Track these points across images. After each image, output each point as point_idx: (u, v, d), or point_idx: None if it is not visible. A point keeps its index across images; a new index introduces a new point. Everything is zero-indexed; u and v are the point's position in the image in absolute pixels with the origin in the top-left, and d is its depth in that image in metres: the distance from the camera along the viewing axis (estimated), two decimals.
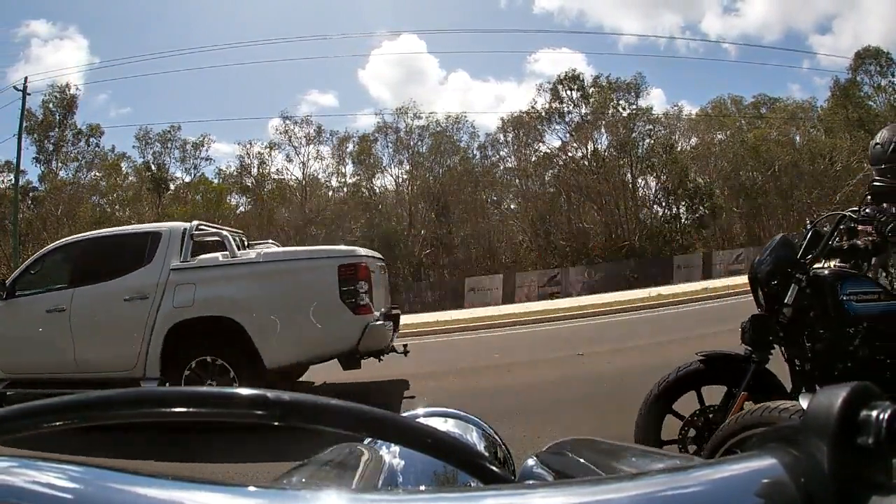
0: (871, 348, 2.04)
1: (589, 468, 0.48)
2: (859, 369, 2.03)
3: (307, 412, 0.34)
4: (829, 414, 0.26)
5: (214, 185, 27.19)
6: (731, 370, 2.16)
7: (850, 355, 2.06)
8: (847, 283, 2.10)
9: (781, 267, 2.15)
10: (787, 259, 2.16)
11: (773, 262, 2.17)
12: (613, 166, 26.65)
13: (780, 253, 2.19)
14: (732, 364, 2.17)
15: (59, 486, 0.27)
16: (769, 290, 2.16)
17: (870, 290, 2.11)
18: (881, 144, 2.14)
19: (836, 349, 2.08)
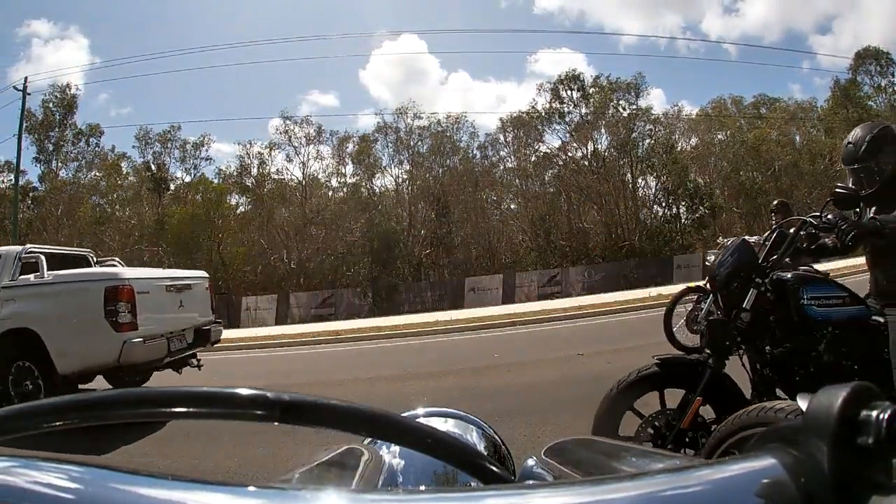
0: (836, 354, 2.01)
1: (589, 468, 0.48)
2: (823, 375, 2.01)
3: (307, 412, 0.34)
4: (828, 414, 0.26)
5: (214, 185, 27.18)
6: (688, 374, 2.14)
7: (813, 361, 2.03)
8: (810, 287, 2.08)
9: (741, 271, 2.12)
10: (746, 263, 2.14)
11: (733, 265, 2.15)
12: (613, 166, 26.64)
13: (740, 256, 2.16)
14: (689, 368, 2.15)
15: (59, 485, 0.27)
16: (728, 294, 2.13)
17: (835, 295, 2.09)
18: (853, 143, 2.10)
19: (797, 354, 2.06)
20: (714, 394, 2.11)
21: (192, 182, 28.05)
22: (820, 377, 2.01)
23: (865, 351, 2.05)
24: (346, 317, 19.08)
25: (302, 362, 8.40)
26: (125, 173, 28.47)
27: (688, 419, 2.09)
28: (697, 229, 25.95)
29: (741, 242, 2.24)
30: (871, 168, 2.05)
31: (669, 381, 2.17)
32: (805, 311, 2.05)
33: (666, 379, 2.17)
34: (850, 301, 2.10)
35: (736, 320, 2.09)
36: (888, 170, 2.05)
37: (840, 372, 2.01)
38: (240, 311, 21.14)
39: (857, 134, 2.11)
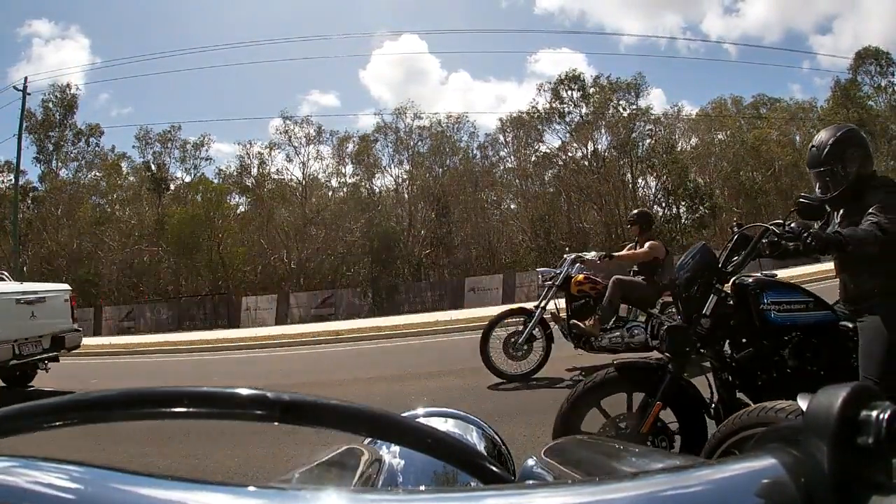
0: (801, 360, 2.00)
1: (589, 468, 0.48)
2: (787, 380, 1.99)
3: (307, 412, 0.34)
4: (829, 414, 0.26)
5: (214, 185, 27.17)
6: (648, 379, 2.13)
7: (776, 366, 2.02)
8: (771, 292, 2.06)
9: (701, 275, 2.11)
10: (707, 267, 2.12)
11: (693, 270, 2.14)
12: (613, 166, 26.65)
13: (701, 261, 2.15)
14: (649, 373, 2.14)
15: (59, 486, 0.27)
16: (688, 298, 2.12)
17: (797, 300, 2.07)
18: (817, 147, 2.08)
19: (759, 359, 2.04)
20: (675, 399, 2.10)
21: (192, 182, 28.07)
22: (784, 382, 2.01)
23: (833, 357, 2.03)
24: (346, 317, 19.07)
25: (302, 362, 8.39)
26: (125, 173, 28.50)
27: (648, 423, 2.08)
28: (698, 229, 25.95)
29: (702, 246, 2.22)
30: (835, 171, 2.04)
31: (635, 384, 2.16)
32: (766, 316, 2.04)
33: (632, 382, 2.16)
34: (815, 306, 2.08)
35: (696, 326, 2.09)
36: (853, 172, 2.03)
37: (805, 377, 1.98)
38: (240, 311, 21.14)
39: (821, 137, 2.09)
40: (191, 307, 22.76)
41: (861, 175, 2.04)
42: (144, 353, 11.32)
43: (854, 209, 2.02)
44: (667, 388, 2.08)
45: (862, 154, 2.06)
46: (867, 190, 2.02)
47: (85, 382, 7.52)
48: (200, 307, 22.54)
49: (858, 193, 2.02)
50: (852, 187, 2.03)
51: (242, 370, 8.29)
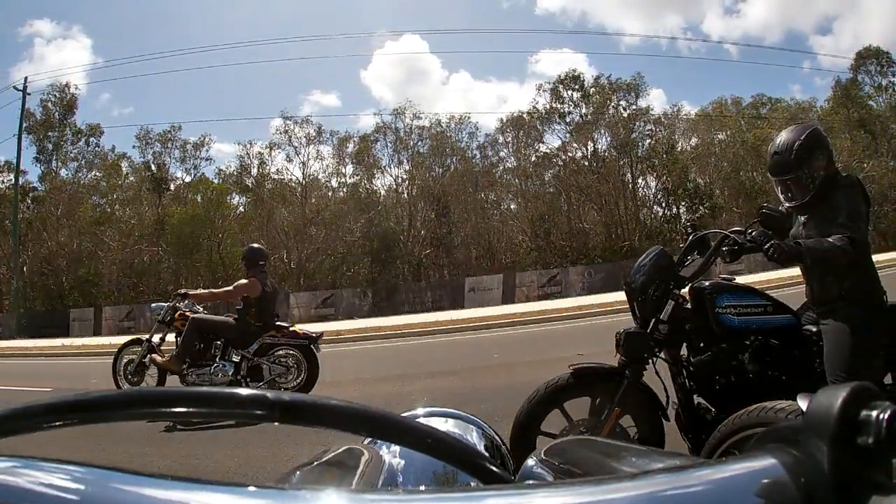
0: (761, 364, 1.97)
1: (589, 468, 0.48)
2: (746, 385, 1.97)
3: (307, 412, 0.34)
4: (828, 414, 0.26)
5: (214, 185, 27.17)
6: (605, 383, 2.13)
7: (734, 370, 2.00)
8: (727, 295, 2.04)
9: (657, 280, 2.09)
10: (664, 272, 2.11)
11: (648, 273, 2.12)
12: (613, 166, 26.65)
13: (657, 265, 2.13)
14: (606, 378, 2.13)
15: (60, 486, 0.27)
16: (644, 302, 2.10)
17: (754, 304, 2.04)
18: (780, 153, 1.95)
19: (717, 363, 2.02)
20: (633, 404, 2.10)
21: (192, 182, 28.06)
22: (743, 387, 1.98)
23: (795, 361, 2.01)
24: (346, 317, 19.08)
25: None
26: (125, 173, 28.49)
27: (607, 428, 2.06)
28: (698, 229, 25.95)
29: (659, 251, 2.20)
30: (802, 177, 1.93)
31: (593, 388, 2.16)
32: (721, 320, 2.01)
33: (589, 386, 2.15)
34: (774, 309, 2.05)
35: (654, 332, 2.07)
36: (820, 177, 1.93)
37: (766, 382, 1.96)
38: None
39: (784, 141, 1.95)
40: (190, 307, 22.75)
41: (827, 176, 1.96)
42: None
43: (819, 213, 1.97)
44: (625, 393, 2.07)
45: (828, 155, 1.98)
46: (832, 191, 1.95)
47: (85, 382, 7.53)
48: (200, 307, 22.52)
49: (824, 195, 1.96)
50: (819, 191, 1.95)
51: None
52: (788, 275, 9.84)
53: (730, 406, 1.83)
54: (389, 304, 20.86)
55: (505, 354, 6.96)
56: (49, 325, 21.06)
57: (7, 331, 20.64)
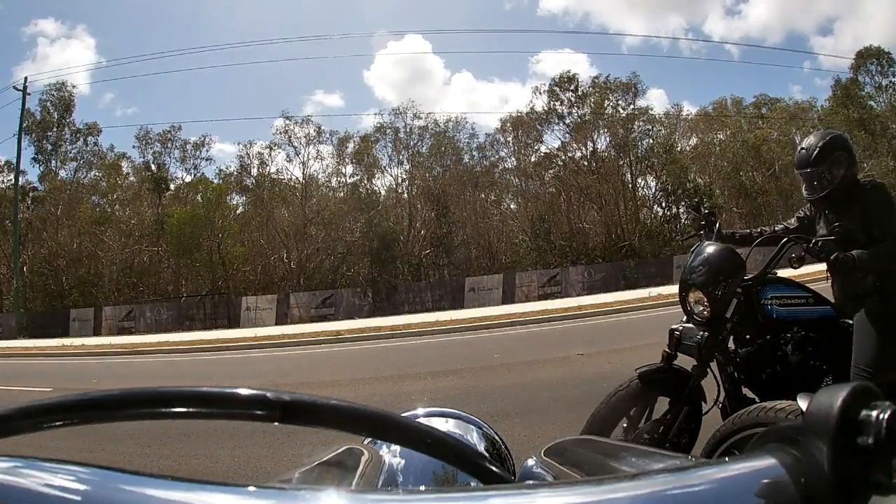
0: (803, 354, 2.03)
1: (589, 468, 0.48)
2: (790, 375, 2.02)
3: (307, 412, 0.34)
4: (829, 414, 0.26)
5: (214, 185, 27.16)
6: (672, 383, 2.14)
7: (779, 360, 2.05)
8: (770, 287, 2.10)
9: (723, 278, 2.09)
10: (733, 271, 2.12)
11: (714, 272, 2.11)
12: (613, 167, 26.65)
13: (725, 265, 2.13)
14: (674, 378, 2.15)
15: (60, 486, 0.27)
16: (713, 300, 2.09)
17: (796, 295, 2.10)
18: (806, 149, 2.18)
19: (763, 354, 2.07)
20: (692, 400, 2.13)
21: (192, 182, 28.06)
22: (787, 377, 2.04)
23: (833, 352, 2.06)
24: (346, 317, 19.08)
25: (302, 362, 8.40)
26: (125, 173, 28.49)
27: (677, 428, 2.09)
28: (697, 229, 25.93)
29: (727, 250, 2.21)
30: (822, 173, 2.13)
31: (660, 389, 2.17)
32: (768, 312, 2.07)
33: (656, 388, 2.16)
34: (815, 301, 2.12)
35: (721, 330, 2.08)
36: (839, 175, 2.12)
37: (807, 372, 2.03)
38: (240, 311, 21.15)
39: (810, 140, 2.20)
40: (191, 307, 22.78)
41: (846, 178, 2.12)
42: (144, 353, 11.33)
43: (840, 212, 2.13)
44: (691, 391, 2.10)
45: (848, 158, 2.14)
46: (856, 194, 2.11)
47: (85, 382, 7.53)
48: (200, 307, 22.56)
49: (846, 197, 2.12)
50: (840, 190, 2.12)
51: (242, 370, 8.29)
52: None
53: (774, 396, 1.87)
54: (389, 304, 20.86)
55: (505, 354, 6.97)
56: (49, 325, 21.08)
57: (7, 331, 20.65)
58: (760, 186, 25.84)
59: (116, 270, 26.00)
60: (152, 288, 26.10)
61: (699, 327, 2.10)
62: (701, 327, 2.09)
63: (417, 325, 11.29)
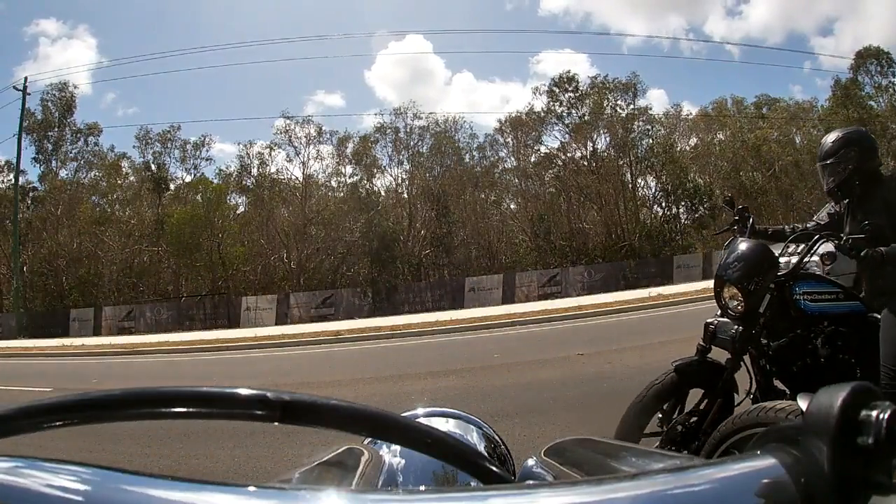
0: (833, 348, 2.08)
1: (589, 468, 0.48)
2: (820, 368, 2.07)
3: (307, 412, 0.34)
4: (829, 414, 0.26)
5: (214, 185, 27.16)
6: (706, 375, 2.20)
7: (810, 354, 2.10)
8: (802, 282, 2.15)
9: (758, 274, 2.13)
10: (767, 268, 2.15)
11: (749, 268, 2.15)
12: (613, 167, 26.65)
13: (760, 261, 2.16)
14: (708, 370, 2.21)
15: (60, 486, 0.27)
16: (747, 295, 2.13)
17: (826, 290, 2.15)
18: (823, 143, 2.30)
19: (794, 348, 2.12)
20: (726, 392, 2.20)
21: (192, 182, 28.06)
22: (817, 370, 2.08)
23: (862, 346, 2.10)
24: (346, 317, 19.08)
25: (302, 362, 8.40)
26: (125, 173, 28.48)
27: (711, 419, 2.15)
28: (697, 230, 25.94)
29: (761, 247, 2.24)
30: (837, 164, 2.22)
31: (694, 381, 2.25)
32: (799, 306, 2.12)
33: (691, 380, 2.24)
34: (845, 297, 2.16)
35: (754, 324, 2.15)
36: (853, 167, 2.19)
37: (837, 366, 2.07)
38: (240, 311, 21.15)
39: (830, 135, 2.30)
40: (191, 307, 22.78)
41: (863, 170, 2.18)
42: (144, 353, 11.32)
43: (862, 204, 2.20)
44: (725, 383, 2.16)
45: (864, 151, 2.20)
46: (876, 186, 2.17)
47: (85, 382, 7.53)
48: (200, 307, 22.56)
49: (866, 189, 2.19)
50: (860, 181, 2.19)
51: (242, 370, 8.29)
52: None
53: (804, 388, 1.96)
54: (389, 304, 20.86)
55: (505, 354, 6.97)
56: (49, 325, 21.08)
57: (7, 331, 20.65)
58: (760, 186, 25.84)
59: (116, 270, 26.01)
60: (152, 288, 26.10)
61: (733, 321, 2.16)
62: (735, 321, 2.15)
63: (417, 325, 11.29)
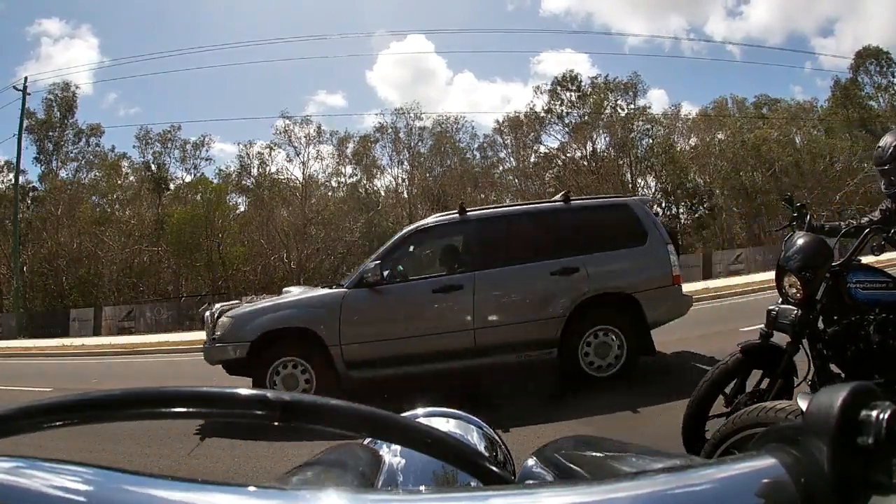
0: (884, 334, 2.21)
1: (589, 468, 0.48)
2: (872, 353, 2.21)
3: (307, 412, 0.34)
4: (829, 414, 0.26)
5: (214, 185, 27.16)
6: (766, 359, 2.36)
7: (863, 340, 2.24)
8: (854, 272, 2.31)
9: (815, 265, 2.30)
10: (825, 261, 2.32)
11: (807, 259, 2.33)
12: (613, 167, 26.66)
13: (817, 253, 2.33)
14: (770, 353, 2.36)
15: (60, 486, 0.27)
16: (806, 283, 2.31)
17: (878, 280, 2.31)
18: (882, 148, 2.44)
19: (848, 333, 2.26)
20: (786, 373, 2.34)
21: (192, 182, 28.07)
22: (869, 355, 2.22)
23: None
24: None
25: None
26: (125, 173, 28.48)
27: (773, 399, 2.26)
28: (697, 229, 25.94)
29: (819, 240, 2.42)
30: (893, 170, 2.41)
31: (757, 363, 2.40)
32: (852, 295, 2.27)
33: (754, 362, 2.39)
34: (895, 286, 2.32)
35: (812, 310, 2.30)
36: None
37: (887, 351, 2.21)
38: None
39: (886, 140, 2.45)
40: (191, 307, 22.75)
41: None
42: (144, 353, 11.31)
43: None
44: (785, 365, 2.31)
45: None
46: None
47: (85, 382, 7.52)
48: (200, 307, 22.53)
49: None
50: None
51: None
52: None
53: (858, 373, 2.17)
54: None
55: None
56: (49, 325, 21.06)
57: (7, 331, 20.64)
58: (760, 186, 25.84)
59: (116, 270, 26.00)
60: (152, 288, 26.09)
61: (793, 308, 2.31)
62: (794, 308, 2.31)
63: None
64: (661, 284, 4.38)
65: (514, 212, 4.88)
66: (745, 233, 26.53)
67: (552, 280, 4.31)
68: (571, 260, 4.34)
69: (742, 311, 8.22)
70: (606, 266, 4.38)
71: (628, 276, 4.38)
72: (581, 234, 4.47)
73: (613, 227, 4.51)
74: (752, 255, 21.35)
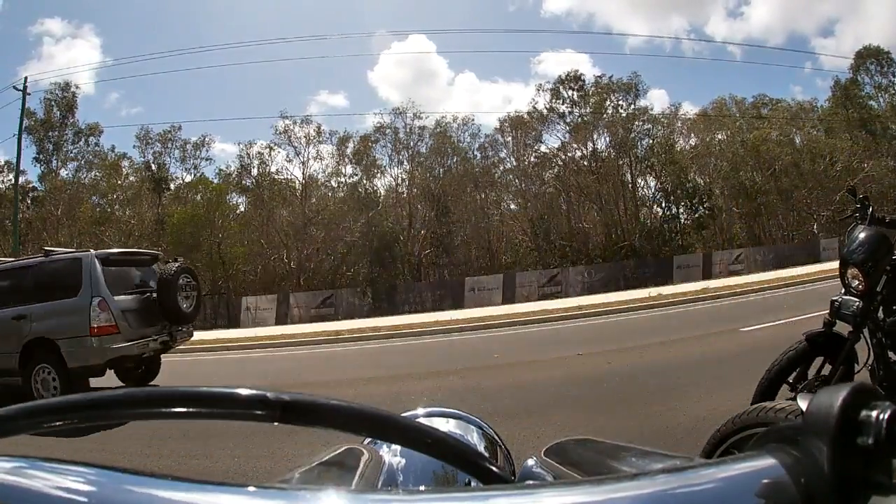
0: None
1: (589, 468, 0.48)
2: None
3: (307, 412, 0.34)
4: (829, 414, 0.26)
5: (214, 184, 27.14)
6: (829, 346, 2.46)
7: None
8: None
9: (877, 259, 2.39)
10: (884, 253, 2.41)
11: (869, 253, 2.42)
12: (613, 166, 26.65)
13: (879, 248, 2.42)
14: (832, 341, 2.47)
15: (60, 486, 0.27)
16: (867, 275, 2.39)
17: None
18: None
19: None
20: (848, 360, 2.43)
21: (192, 182, 28.05)
22: None
23: None
24: (346, 317, 19.07)
25: (302, 362, 8.39)
26: (125, 173, 28.46)
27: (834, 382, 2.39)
28: (697, 229, 25.94)
29: (881, 236, 2.49)
30: None
31: (820, 350, 2.49)
32: None
33: (816, 350, 2.48)
34: None
35: (873, 301, 2.38)
36: None
37: None
38: (240, 311, 21.13)
39: None
40: None
41: None
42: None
43: None
44: (847, 353, 2.40)
45: None
46: None
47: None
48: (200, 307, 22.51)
49: None
50: None
51: (242, 370, 8.29)
52: None
53: None
54: (389, 304, 20.85)
55: (505, 354, 6.96)
56: None
57: None
58: (760, 186, 25.83)
59: None
60: None
61: (855, 299, 2.41)
62: (856, 299, 2.40)
63: (417, 325, 11.28)
64: (78, 334, 5.14)
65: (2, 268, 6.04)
66: (744, 233, 26.53)
67: (13, 324, 5.38)
68: (24, 309, 5.38)
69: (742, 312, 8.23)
70: (44, 315, 5.34)
71: (54, 324, 5.27)
72: (36, 286, 5.49)
73: (62, 279, 5.41)
74: (751, 254, 21.37)
